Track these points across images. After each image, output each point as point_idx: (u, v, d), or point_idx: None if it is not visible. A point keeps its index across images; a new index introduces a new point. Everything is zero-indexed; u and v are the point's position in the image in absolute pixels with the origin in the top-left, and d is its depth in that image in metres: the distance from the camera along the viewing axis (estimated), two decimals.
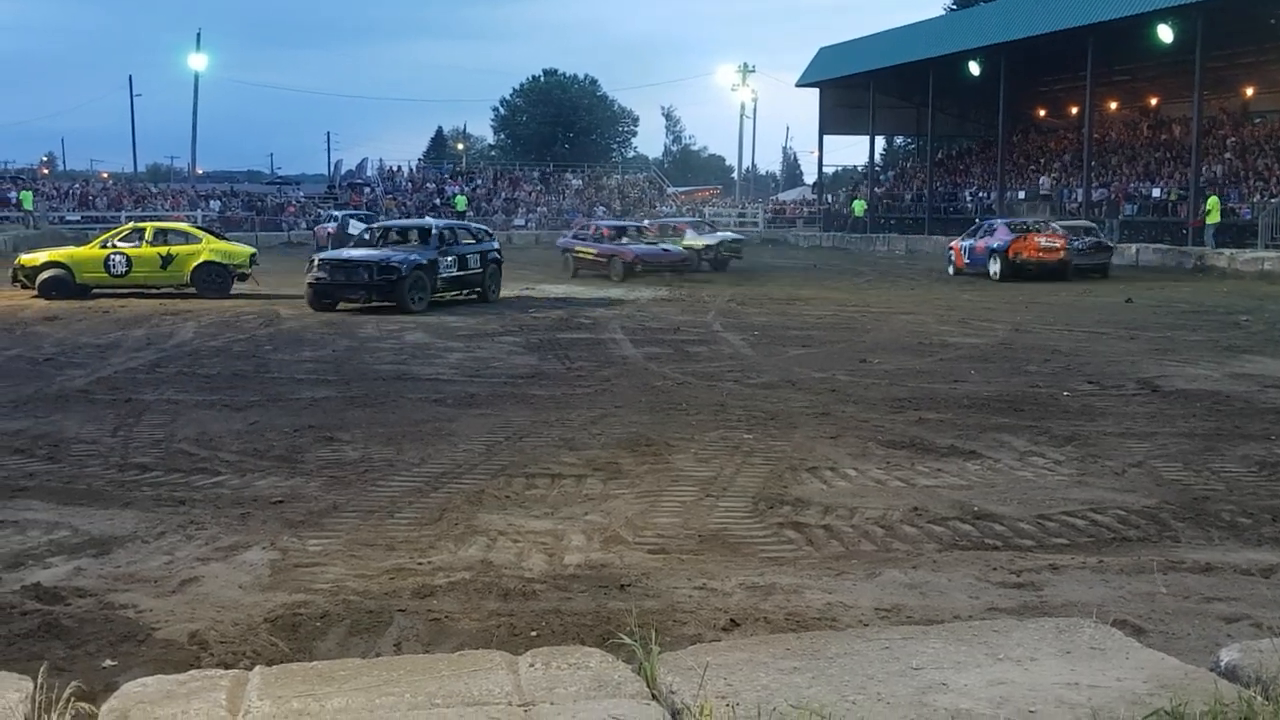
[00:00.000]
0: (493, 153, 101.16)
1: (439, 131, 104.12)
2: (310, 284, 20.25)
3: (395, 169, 67.66)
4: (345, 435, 9.14)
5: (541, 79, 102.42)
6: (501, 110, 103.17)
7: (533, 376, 12.53)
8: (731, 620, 5.00)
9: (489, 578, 5.63)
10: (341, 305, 20.10)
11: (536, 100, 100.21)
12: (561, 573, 5.73)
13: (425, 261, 20.66)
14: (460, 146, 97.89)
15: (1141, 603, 5.19)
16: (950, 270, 31.17)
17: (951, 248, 31.92)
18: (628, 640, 3.37)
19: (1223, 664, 2.95)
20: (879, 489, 7.54)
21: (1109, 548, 6.17)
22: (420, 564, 5.87)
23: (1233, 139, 42.90)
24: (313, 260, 20.99)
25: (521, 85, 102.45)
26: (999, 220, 31.81)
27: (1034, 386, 11.86)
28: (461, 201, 58.31)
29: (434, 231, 22.44)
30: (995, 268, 28.58)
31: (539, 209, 59.53)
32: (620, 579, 5.59)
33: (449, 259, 21.53)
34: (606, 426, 9.54)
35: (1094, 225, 33.97)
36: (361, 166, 71.24)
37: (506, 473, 7.84)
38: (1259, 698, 2.67)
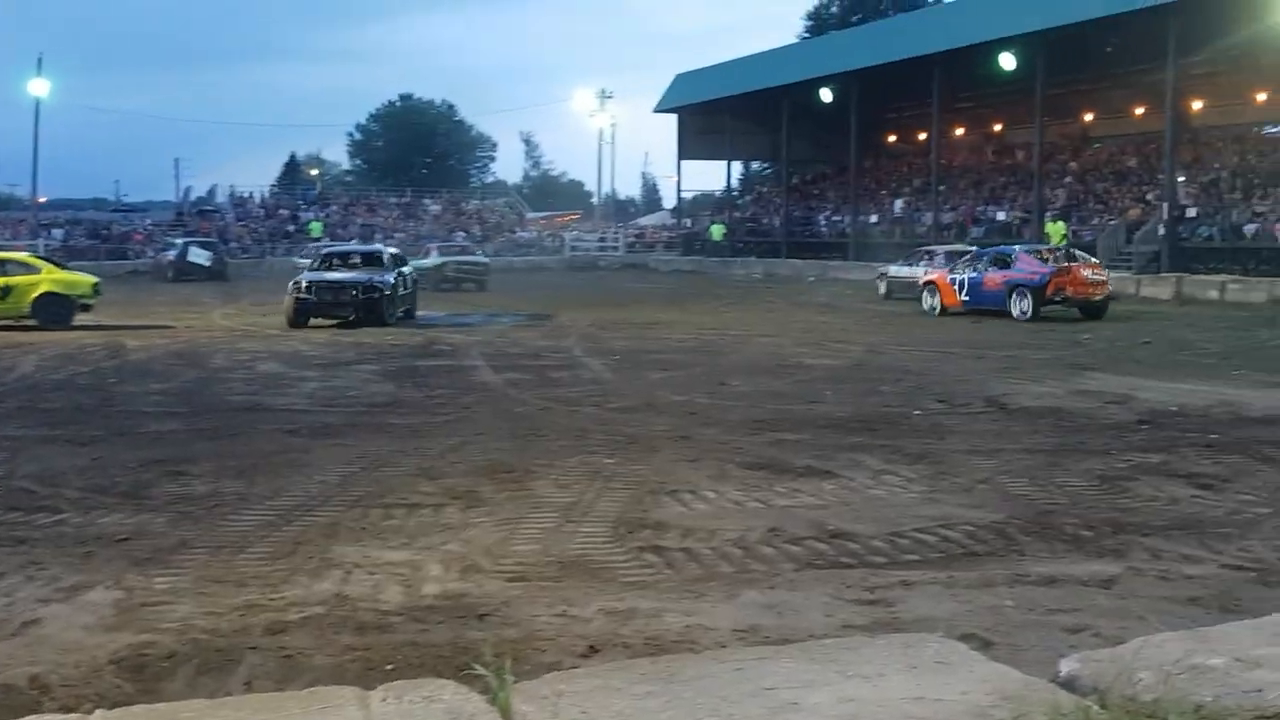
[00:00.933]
0: (348, 178, 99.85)
1: (292, 157, 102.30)
2: (296, 301, 22.15)
3: (247, 195, 66.32)
4: (194, 469, 8.88)
5: (397, 104, 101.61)
6: (357, 135, 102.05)
7: (390, 405, 12.37)
8: (591, 647, 4.98)
9: (344, 611, 5.52)
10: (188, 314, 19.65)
11: (393, 125, 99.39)
12: (419, 604, 5.65)
13: (393, 281, 23.15)
14: (314, 172, 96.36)
15: (989, 616, 5.33)
16: (931, 309, 25.71)
17: (932, 281, 26.28)
18: (483, 671, 3.33)
19: (1062, 674, 3.04)
20: (737, 510, 7.60)
21: (958, 563, 6.32)
22: (272, 599, 5.73)
23: (1073, 164, 44.59)
24: (298, 281, 22.74)
25: (377, 110, 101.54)
26: (1017, 248, 26.26)
27: (887, 406, 12.12)
28: (317, 227, 57.44)
29: (385, 256, 25.11)
30: (1022, 306, 23.53)
31: (396, 234, 58.89)
32: (479, 608, 5.53)
33: (397, 279, 23.60)
34: (466, 454, 9.46)
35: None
36: (211, 193, 69.71)
37: (362, 504, 7.71)
38: (1095, 706, 2.76)
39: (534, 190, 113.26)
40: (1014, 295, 23.77)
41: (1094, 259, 26.09)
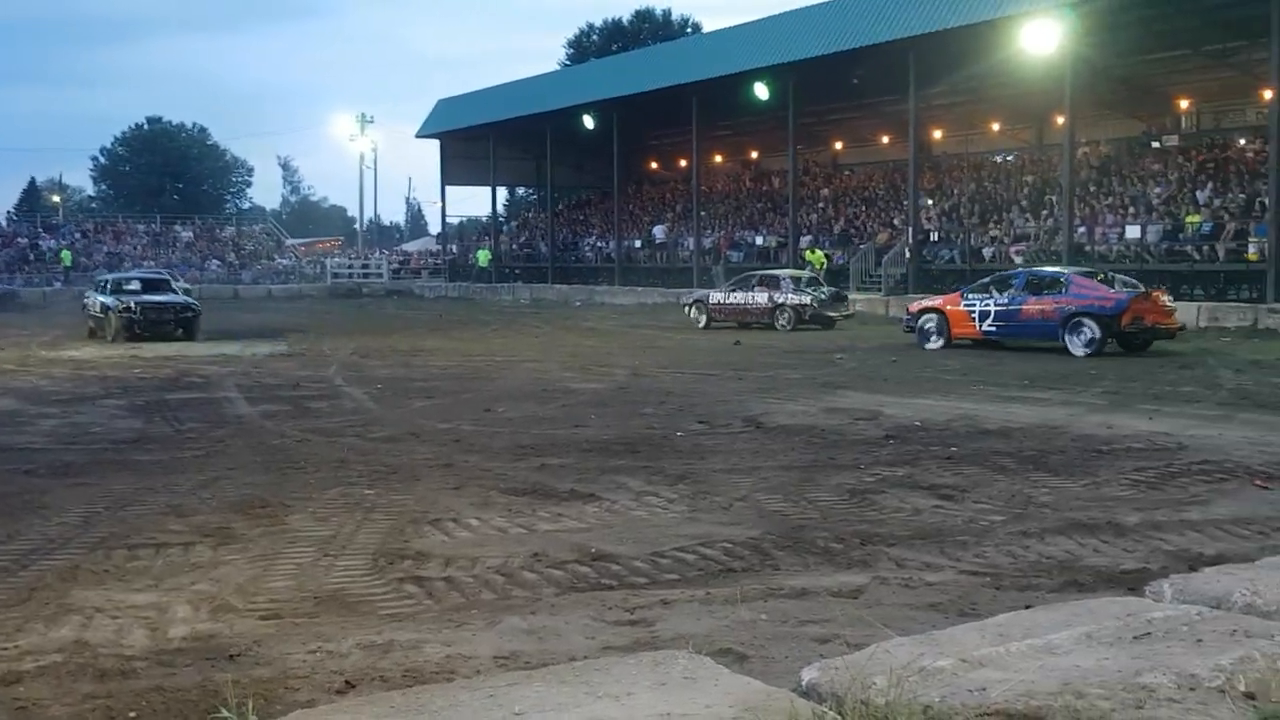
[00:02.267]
0: (93, 204, 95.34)
1: (32, 182, 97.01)
2: (125, 317, 26.13)
3: None
4: None
5: (145, 127, 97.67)
6: (102, 160, 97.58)
7: (138, 441, 11.81)
8: (347, 682, 4.87)
9: (84, 658, 5.24)
10: None
11: (141, 149, 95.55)
12: (165, 647, 5.41)
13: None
14: (56, 198, 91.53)
15: (744, 630, 5.46)
16: (933, 344, 22.30)
17: (934, 308, 22.90)
18: (227, 714, 3.23)
19: (804, 683, 3.15)
20: (501, 537, 7.58)
21: (716, 580, 6.46)
22: (6, 649, 5.39)
23: (825, 190, 46.38)
24: (124, 302, 26.50)
25: (124, 133, 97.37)
26: (1068, 270, 23.09)
27: (650, 428, 12.30)
28: (67, 256, 54.78)
29: (172, 282, 30.30)
30: (1087, 337, 20.23)
31: (146, 262, 56.55)
32: (229, 649, 5.33)
33: None
34: (218, 490, 9.12)
35: (817, 276, 32.13)
36: None
37: (106, 545, 7.34)
38: (831, 712, 2.87)
39: (294, 216, 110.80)
40: (1072, 324, 20.50)
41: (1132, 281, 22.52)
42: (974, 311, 22.02)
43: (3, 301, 43.07)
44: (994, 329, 21.77)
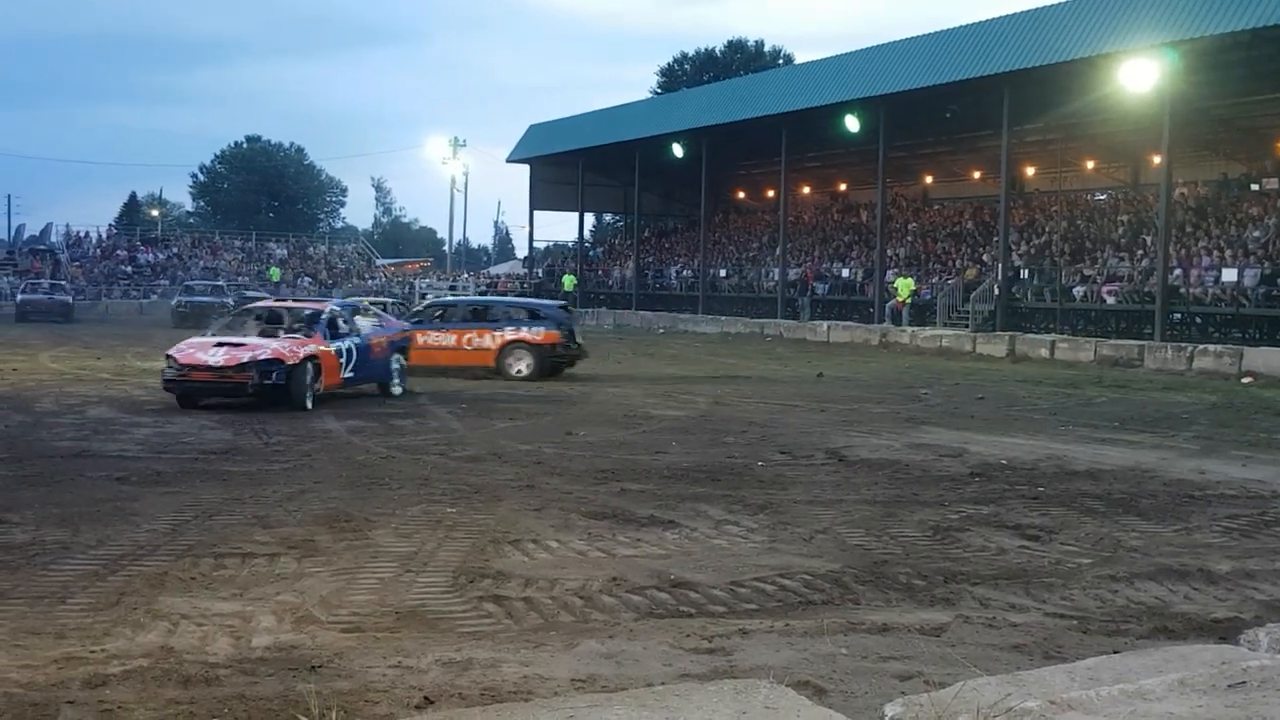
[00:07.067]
0: (191, 219, 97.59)
1: (132, 196, 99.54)
2: None
3: (83, 234, 64.24)
4: (14, 517, 8.49)
5: (244, 145, 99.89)
6: (201, 176, 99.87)
7: (227, 452, 12.02)
8: (426, 698, 4.90)
9: (169, 664, 5.33)
10: None
11: (239, 167, 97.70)
12: (249, 656, 5.49)
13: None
14: (155, 213, 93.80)
15: (823, 664, 5.40)
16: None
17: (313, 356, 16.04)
18: None
19: (887, 718, 3.10)
20: (580, 560, 7.59)
21: (795, 611, 6.41)
22: (93, 652, 5.50)
23: (914, 224, 46.00)
24: None
25: (223, 151, 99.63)
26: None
27: (731, 457, 12.25)
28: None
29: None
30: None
31: (240, 278, 57.73)
32: (311, 660, 5.39)
33: None
34: (304, 502, 9.25)
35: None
36: (45, 232, 67.18)
37: (193, 553, 7.47)
38: None
39: (384, 237, 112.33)
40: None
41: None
42: (341, 355, 16.94)
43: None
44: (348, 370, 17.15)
